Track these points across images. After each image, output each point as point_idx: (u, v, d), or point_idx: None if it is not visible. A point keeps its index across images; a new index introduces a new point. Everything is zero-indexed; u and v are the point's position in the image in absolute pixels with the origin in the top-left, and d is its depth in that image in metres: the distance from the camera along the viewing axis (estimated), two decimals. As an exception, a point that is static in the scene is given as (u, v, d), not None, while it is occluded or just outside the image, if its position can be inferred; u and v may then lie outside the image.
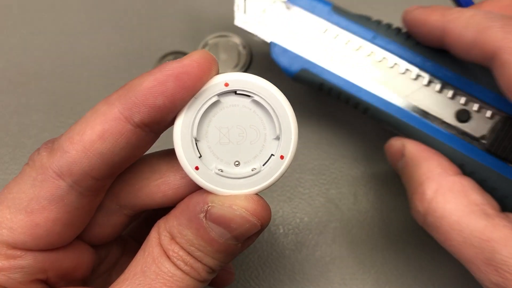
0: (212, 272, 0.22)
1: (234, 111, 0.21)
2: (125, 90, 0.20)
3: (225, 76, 0.21)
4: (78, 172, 0.20)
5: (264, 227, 0.22)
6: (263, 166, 0.22)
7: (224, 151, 0.21)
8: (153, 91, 0.20)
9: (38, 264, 0.22)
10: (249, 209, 0.21)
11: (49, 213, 0.21)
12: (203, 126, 0.21)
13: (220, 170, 0.21)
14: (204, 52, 0.21)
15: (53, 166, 0.21)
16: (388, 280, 0.36)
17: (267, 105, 0.21)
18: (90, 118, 0.21)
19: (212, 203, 0.21)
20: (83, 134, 0.20)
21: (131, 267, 0.21)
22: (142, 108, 0.20)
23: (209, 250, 0.21)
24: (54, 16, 0.46)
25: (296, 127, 0.21)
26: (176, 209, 0.22)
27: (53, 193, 0.21)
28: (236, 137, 0.21)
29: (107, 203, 0.24)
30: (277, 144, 0.22)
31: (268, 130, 0.22)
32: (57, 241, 0.22)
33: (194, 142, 0.21)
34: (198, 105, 0.21)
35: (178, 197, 0.23)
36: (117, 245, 0.28)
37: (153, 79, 0.20)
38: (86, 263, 0.25)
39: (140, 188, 0.24)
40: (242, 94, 0.21)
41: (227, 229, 0.21)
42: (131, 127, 0.20)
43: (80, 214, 0.22)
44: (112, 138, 0.20)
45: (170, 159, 0.24)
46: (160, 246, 0.21)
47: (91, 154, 0.20)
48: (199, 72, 0.20)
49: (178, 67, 0.20)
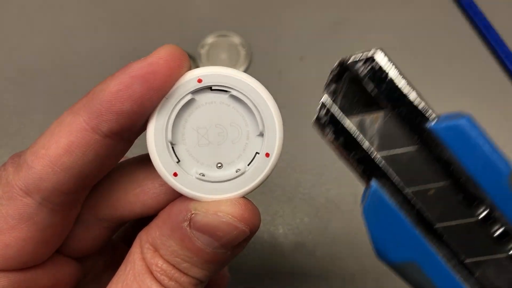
0: (200, 284, 0.21)
1: (211, 109, 0.20)
2: (89, 97, 0.19)
3: (197, 72, 0.19)
4: (46, 188, 0.19)
5: (254, 233, 0.20)
6: (248, 166, 0.20)
7: (204, 154, 0.20)
8: (119, 95, 0.18)
9: (13, 285, 0.21)
10: (236, 215, 0.19)
11: (19, 232, 0.20)
12: (179, 128, 0.19)
13: (201, 175, 0.19)
14: (172, 47, 0.19)
15: (19, 183, 0.19)
16: (388, 280, 0.36)
17: (246, 99, 0.19)
18: (55, 130, 0.19)
19: (195, 210, 0.19)
20: (48, 148, 0.19)
21: (112, 283, 0.20)
22: (109, 116, 0.18)
23: (196, 261, 0.20)
24: (54, 16, 0.45)
25: (281, 121, 0.20)
26: (158, 218, 0.21)
27: (21, 211, 0.19)
28: (216, 137, 0.20)
29: (85, 216, 0.23)
30: (261, 141, 0.20)
31: (251, 127, 0.20)
32: (30, 260, 0.21)
33: (170, 146, 0.19)
34: (170, 106, 0.19)
35: (159, 205, 0.22)
36: (104, 253, 0.27)
37: (117, 82, 0.18)
38: (67, 278, 0.23)
39: (118, 199, 0.22)
40: (219, 90, 0.19)
41: (214, 238, 0.19)
42: (99, 137, 0.19)
43: (55, 230, 0.21)
44: (79, 151, 0.19)
45: (147, 166, 0.22)
46: (142, 261, 0.20)
47: (58, 169, 0.19)
48: (167, 70, 0.18)
49: (143, 67, 0.18)
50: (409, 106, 0.18)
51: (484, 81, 0.44)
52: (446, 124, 0.18)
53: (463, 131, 0.17)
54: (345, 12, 0.47)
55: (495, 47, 0.45)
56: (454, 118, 0.18)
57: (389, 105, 0.18)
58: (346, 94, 0.19)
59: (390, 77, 0.18)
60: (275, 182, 0.39)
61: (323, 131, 0.19)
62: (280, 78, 0.43)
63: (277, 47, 0.45)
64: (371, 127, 0.19)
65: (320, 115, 0.19)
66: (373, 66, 0.18)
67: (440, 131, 0.18)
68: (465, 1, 0.47)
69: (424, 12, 0.47)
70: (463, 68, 0.45)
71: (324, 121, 0.19)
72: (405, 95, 0.18)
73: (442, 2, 0.48)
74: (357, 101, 0.18)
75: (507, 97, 0.43)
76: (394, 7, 0.48)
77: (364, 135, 0.18)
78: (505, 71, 0.44)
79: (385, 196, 0.18)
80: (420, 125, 0.18)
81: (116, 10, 0.46)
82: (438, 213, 0.18)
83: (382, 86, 0.18)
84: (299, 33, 0.46)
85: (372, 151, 0.18)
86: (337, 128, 0.18)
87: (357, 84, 0.18)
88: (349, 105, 0.19)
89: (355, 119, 0.19)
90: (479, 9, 0.47)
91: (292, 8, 0.47)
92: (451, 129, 0.18)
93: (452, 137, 0.17)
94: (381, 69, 0.18)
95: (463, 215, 0.18)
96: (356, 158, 0.18)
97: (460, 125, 0.17)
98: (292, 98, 0.42)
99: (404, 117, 0.18)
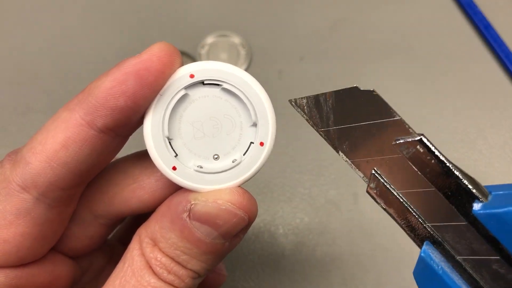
0: (198, 278, 0.21)
1: (205, 102, 0.20)
2: (85, 93, 0.19)
3: (189, 67, 0.20)
4: (43, 184, 0.19)
5: (252, 221, 0.21)
6: (243, 156, 0.21)
7: (201, 146, 0.20)
8: (113, 92, 0.19)
9: (11, 281, 0.21)
10: (235, 202, 0.20)
11: (16, 228, 0.20)
12: (174, 123, 0.20)
13: (199, 167, 0.20)
14: (164, 44, 0.19)
15: (16, 179, 0.19)
16: (388, 280, 0.36)
17: (238, 91, 0.20)
18: (51, 126, 0.19)
19: (195, 200, 0.20)
20: (45, 144, 0.19)
21: (110, 281, 0.20)
22: (104, 112, 0.19)
23: (195, 253, 0.20)
24: (54, 16, 0.45)
25: (273, 111, 0.20)
26: (157, 212, 0.21)
27: (19, 207, 0.20)
28: (211, 130, 0.20)
29: (81, 214, 0.23)
30: (254, 131, 0.20)
31: (244, 118, 0.20)
32: (28, 256, 0.21)
33: (167, 141, 0.20)
34: (165, 102, 0.20)
35: (155, 201, 0.22)
36: (102, 253, 0.27)
37: (111, 79, 0.19)
38: (64, 276, 0.23)
39: (114, 195, 0.22)
40: (211, 84, 0.20)
41: (214, 227, 0.20)
42: (95, 132, 0.19)
43: (51, 226, 0.21)
44: (75, 146, 0.19)
45: (142, 162, 0.22)
46: (141, 256, 0.20)
47: (55, 165, 0.19)
48: (160, 66, 0.19)
49: (137, 63, 0.19)
50: (455, 187, 0.18)
51: (484, 81, 0.44)
52: (489, 211, 0.17)
53: (505, 221, 0.16)
54: (345, 12, 0.47)
55: (495, 47, 0.45)
56: (501, 202, 0.17)
57: (434, 184, 0.18)
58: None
59: (434, 161, 0.18)
60: (275, 182, 0.39)
61: (375, 200, 0.20)
62: (280, 78, 0.43)
63: (277, 47, 0.45)
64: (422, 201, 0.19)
65: (371, 186, 0.20)
66: (418, 150, 0.18)
67: (483, 217, 0.17)
68: (465, 1, 0.47)
69: (424, 12, 0.47)
70: (463, 68, 0.45)
71: (375, 191, 0.20)
72: (450, 176, 0.18)
73: (442, 2, 0.48)
74: (402, 178, 0.19)
75: (507, 97, 0.43)
76: (394, 7, 0.48)
77: (417, 208, 0.19)
78: (505, 71, 0.44)
79: (434, 261, 0.19)
80: (465, 207, 0.18)
81: (116, 10, 0.46)
82: (489, 280, 0.18)
83: (426, 169, 0.18)
84: (299, 33, 0.46)
85: (424, 221, 0.19)
86: (387, 199, 0.19)
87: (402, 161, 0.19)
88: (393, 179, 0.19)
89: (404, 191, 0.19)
90: (479, 9, 0.47)
91: (292, 8, 0.47)
92: (493, 218, 0.17)
93: (494, 226, 0.17)
94: (425, 153, 0.18)
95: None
96: (408, 225, 0.19)
97: (502, 215, 0.16)
98: (292, 98, 0.42)
99: (450, 197, 0.18)
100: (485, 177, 0.40)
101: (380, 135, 0.19)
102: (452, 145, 0.40)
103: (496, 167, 0.40)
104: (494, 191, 0.18)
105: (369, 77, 0.43)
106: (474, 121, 0.42)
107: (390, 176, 0.19)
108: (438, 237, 0.19)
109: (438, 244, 0.19)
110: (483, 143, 0.41)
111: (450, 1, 0.48)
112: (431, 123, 0.41)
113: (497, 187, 0.18)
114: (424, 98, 0.43)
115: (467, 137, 0.41)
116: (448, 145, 0.40)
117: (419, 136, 0.18)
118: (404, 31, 0.46)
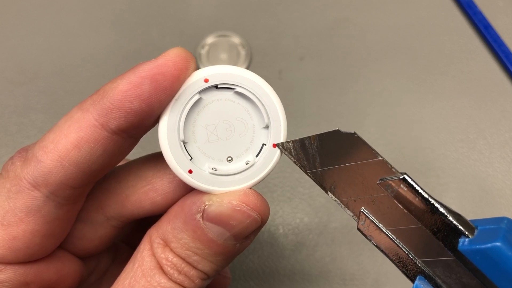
0: (207, 279, 0.21)
1: (218, 106, 0.21)
2: (99, 95, 0.19)
3: (203, 72, 0.20)
4: (54, 182, 0.19)
5: (264, 223, 0.21)
6: (256, 158, 0.21)
7: (215, 149, 0.21)
8: (128, 94, 0.19)
9: (19, 278, 0.21)
10: (249, 203, 0.20)
11: (26, 225, 0.20)
12: (189, 127, 0.20)
13: (214, 169, 0.20)
14: (180, 49, 0.19)
15: (27, 176, 0.19)
16: (388, 280, 0.36)
17: (251, 94, 0.20)
18: (64, 126, 0.19)
19: (210, 201, 0.20)
20: (58, 143, 0.19)
21: (119, 281, 0.20)
22: (118, 114, 0.19)
23: (207, 253, 0.20)
24: (54, 16, 0.45)
25: (284, 113, 0.21)
26: (169, 213, 0.21)
27: (29, 204, 0.20)
28: (224, 133, 0.21)
29: (93, 215, 0.23)
30: (267, 133, 0.21)
31: (256, 120, 0.21)
32: (37, 253, 0.21)
33: (182, 145, 0.20)
34: (180, 106, 0.20)
35: (168, 203, 0.22)
36: (107, 253, 0.27)
37: (127, 82, 0.19)
38: (71, 275, 0.24)
39: (127, 197, 0.23)
40: (224, 88, 0.20)
41: (227, 227, 0.20)
42: (108, 133, 0.19)
43: (59, 224, 0.21)
44: (88, 147, 0.19)
45: (155, 164, 0.23)
46: (152, 257, 0.20)
47: (67, 164, 0.19)
48: (176, 71, 0.19)
49: (153, 67, 0.19)
50: (440, 223, 0.18)
51: (484, 81, 0.44)
52: (474, 247, 0.17)
53: (489, 257, 0.16)
54: (345, 12, 0.47)
55: (495, 47, 0.45)
56: (486, 238, 0.17)
57: (421, 221, 0.19)
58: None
59: (418, 198, 0.18)
60: (275, 182, 0.39)
61: (366, 237, 0.20)
62: (280, 78, 0.43)
63: (277, 47, 0.45)
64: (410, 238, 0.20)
65: (361, 223, 0.20)
66: (401, 188, 0.19)
67: (468, 254, 0.17)
68: (465, 1, 0.47)
69: (424, 12, 0.47)
70: (463, 68, 0.45)
71: (365, 229, 0.20)
72: (435, 213, 0.18)
73: (442, 2, 0.48)
74: (390, 215, 0.19)
75: (507, 97, 0.43)
76: (394, 7, 0.48)
77: (406, 244, 0.19)
78: (505, 71, 0.44)
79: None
80: (452, 242, 0.18)
81: (116, 10, 0.46)
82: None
83: (411, 207, 0.19)
84: (299, 33, 0.46)
85: (414, 256, 0.19)
86: (377, 236, 0.20)
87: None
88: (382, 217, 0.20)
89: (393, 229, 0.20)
90: (479, 9, 0.47)
91: (292, 8, 0.47)
92: (478, 254, 0.17)
93: (480, 261, 0.17)
94: (410, 191, 0.18)
95: None
96: (399, 261, 0.20)
97: (487, 251, 0.16)
98: (292, 98, 0.42)
99: (437, 233, 0.18)
100: (485, 177, 0.40)
101: (365, 175, 0.19)
102: (452, 145, 0.40)
103: (496, 167, 0.40)
104: (481, 226, 0.18)
105: (369, 77, 0.43)
106: (474, 121, 0.42)
107: (378, 214, 0.20)
108: (429, 272, 0.19)
109: (430, 278, 0.19)
110: (483, 143, 0.41)
111: (450, 1, 0.48)
112: (431, 123, 0.41)
113: (483, 221, 0.18)
114: (424, 98, 0.43)
115: (467, 137, 0.41)
116: (448, 145, 0.40)
117: (402, 175, 0.18)
118: (404, 31, 0.46)
